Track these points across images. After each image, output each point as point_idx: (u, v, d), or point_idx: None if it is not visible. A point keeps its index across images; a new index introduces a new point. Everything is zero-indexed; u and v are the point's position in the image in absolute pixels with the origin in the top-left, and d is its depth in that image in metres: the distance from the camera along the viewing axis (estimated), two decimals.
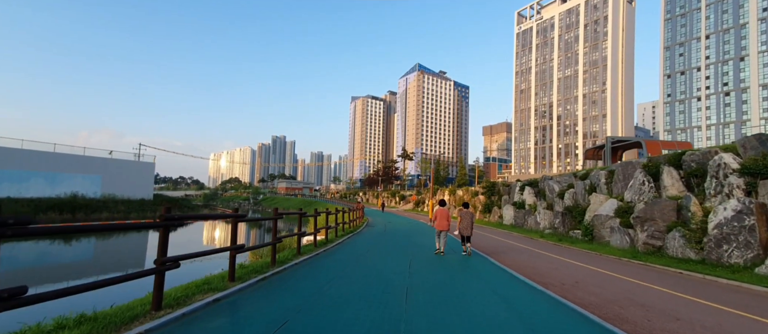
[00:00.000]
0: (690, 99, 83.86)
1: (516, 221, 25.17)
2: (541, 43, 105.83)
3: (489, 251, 12.43)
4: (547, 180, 22.57)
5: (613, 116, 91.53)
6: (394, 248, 12.30)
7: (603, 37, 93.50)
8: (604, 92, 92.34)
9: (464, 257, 10.58)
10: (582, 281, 7.76)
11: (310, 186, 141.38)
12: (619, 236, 13.36)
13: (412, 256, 10.32)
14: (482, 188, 32.73)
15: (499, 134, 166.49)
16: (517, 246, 14.68)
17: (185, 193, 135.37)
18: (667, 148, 23.27)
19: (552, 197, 21.44)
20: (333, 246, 12.26)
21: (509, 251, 12.98)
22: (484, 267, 8.86)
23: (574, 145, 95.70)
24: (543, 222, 21.10)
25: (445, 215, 10.60)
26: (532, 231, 21.28)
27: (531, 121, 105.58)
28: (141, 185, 50.30)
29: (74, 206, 37.94)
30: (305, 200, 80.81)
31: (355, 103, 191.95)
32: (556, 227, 18.69)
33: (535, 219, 22.17)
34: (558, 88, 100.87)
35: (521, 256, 11.74)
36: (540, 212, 21.46)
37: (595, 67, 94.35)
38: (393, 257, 10.03)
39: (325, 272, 7.68)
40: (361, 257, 10.11)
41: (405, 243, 13.74)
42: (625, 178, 14.90)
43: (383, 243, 13.68)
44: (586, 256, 12.32)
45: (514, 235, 20.29)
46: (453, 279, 7.16)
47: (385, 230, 20.91)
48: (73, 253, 20.85)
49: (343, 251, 11.15)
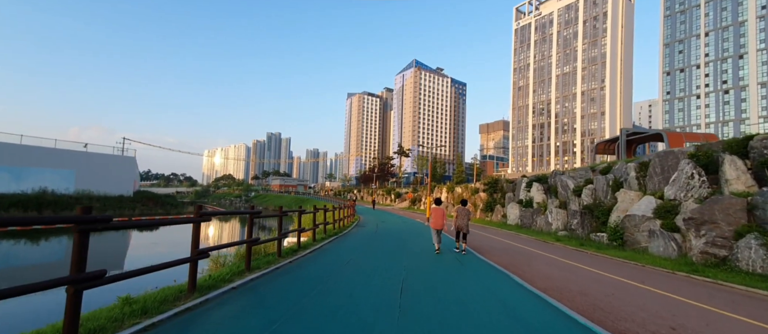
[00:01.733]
0: (689, 96, 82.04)
1: (522, 220, 22.54)
2: (539, 39, 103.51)
3: (506, 263, 9.68)
4: (559, 176, 19.93)
5: (611, 114, 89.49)
6: (383, 257, 9.53)
7: (602, 33, 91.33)
8: (603, 89, 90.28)
9: (462, 256, 9.86)
10: (683, 326, 5.02)
11: (304, 183, 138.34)
12: (662, 241, 10.73)
13: (407, 272, 7.55)
14: (484, 184, 30.08)
15: (495, 132, 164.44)
16: (534, 253, 11.98)
17: (176, 190, 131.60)
18: (692, 141, 20.73)
19: (566, 194, 18.80)
20: (306, 254, 9.47)
21: (531, 259, 10.28)
22: (509, 290, 6.13)
23: (572, 143, 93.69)
24: (556, 223, 18.46)
25: (441, 213, 10.37)
26: (543, 233, 18.64)
27: (529, 118, 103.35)
28: (120, 181, 46.96)
29: (41, 202, 34.71)
30: (298, 197, 77.84)
31: (350, 99, 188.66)
32: (573, 228, 16.05)
33: (545, 219, 19.53)
34: (556, 85, 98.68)
35: (548, 268, 9.03)
36: (552, 211, 18.82)
37: (594, 64, 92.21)
38: (379, 274, 7.25)
39: (261, 315, 4.83)
40: (337, 273, 7.32)
41: (397, 250, 10.98)
42: (663, 170, 12.27)
43: (371, 250, 10.90)
44: (628, 268, 9.65)
45: (523, 237, 17.61)
46: (467, 311, 4.42)
47: (377, 230, 18.15)
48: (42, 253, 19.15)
49: (318, 262, 8.36)
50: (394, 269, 7.73)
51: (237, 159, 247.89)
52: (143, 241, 24.19)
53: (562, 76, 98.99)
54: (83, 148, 44.04)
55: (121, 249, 20.27)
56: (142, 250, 20.92)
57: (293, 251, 9.81)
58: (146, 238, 25.53)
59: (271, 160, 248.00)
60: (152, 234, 26.91)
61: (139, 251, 20.61)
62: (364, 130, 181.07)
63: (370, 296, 5.41)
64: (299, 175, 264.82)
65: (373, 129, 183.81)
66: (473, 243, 13.59)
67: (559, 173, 20.96)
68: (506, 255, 11.07)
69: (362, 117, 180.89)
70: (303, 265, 7.96)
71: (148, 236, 26.53)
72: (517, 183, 25.74)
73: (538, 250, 12.76)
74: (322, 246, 11.18)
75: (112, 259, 16.81)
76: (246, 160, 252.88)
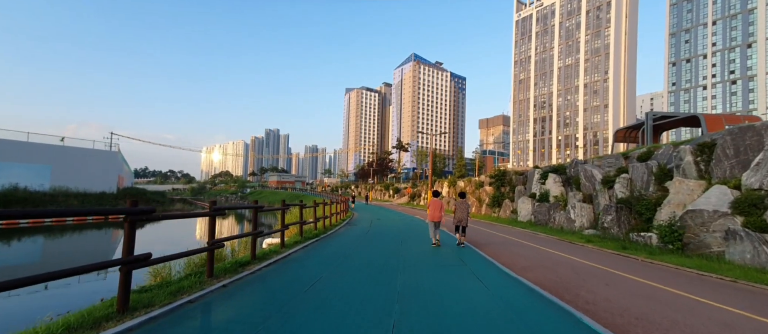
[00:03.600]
0: (695, 87, 79.05)
1: (536, 217, 19.61)
2: (541, 30, 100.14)
3: (551, 282, 6.72)
4: (582, 165, 16.97)
5: (615, 107, 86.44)
6: (368, 273, 6.55)
7: (606, 23, 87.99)
8: (607, 82, 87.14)
9: (480, 271, 6.74)
10: None
11: (302, 180, 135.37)
12: (749, 246, 7.82)
13: (402, 305, 4.58)
14: (490, 177, 27.11)
15: (495, 127, 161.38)
16: (574, 262, 9.05)
17: (172, 187, 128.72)
18: (732, 124, 17.78)
19: (591, 186, 15.85)
20: (257, 270, 6.49)
21: (578, 274, 7.35)
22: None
23: (574, 137, 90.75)
24: (579, 220, 15.54)
25: (439, 206, 10.13)
26: (565, 231, 15.72)
27: (530, 112, 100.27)
28: (102, 177, 43.79)
29: (10, 200, 31.67)
30: (294, 193, 74.97)
31: (349, 95, 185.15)
32: (606, 226, 13.13)
33: (565, 215, 16.60)
34: (558, 77, 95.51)
35: (607, 290, 6.10)
36: (575, 206, 15.87)
37: (596, 55, 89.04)
38: (356, 310, 4.28)
39: None
40: (284, 311, 4.33)
41: (390, 260, 8.02)
42: (739, 152, 9.34)
43: (354, 260, 7.92)
44: (718, 288, 6.72)
45: (541, 237, 14.68)
46: None
47: (370, 228, 15.20)
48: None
49: (266, 285, 5.38)
50: (380, 299, 4.76)
51: (235, 155, 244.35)
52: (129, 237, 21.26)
53: (564, 69, 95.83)
54: (60, 142, 40.89)
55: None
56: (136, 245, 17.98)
57: (242, 264, 6.83)
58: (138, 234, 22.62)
59: (269, 156, 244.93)
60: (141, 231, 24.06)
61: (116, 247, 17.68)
62: (363, 126, 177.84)
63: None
64: (298, 171, 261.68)
65: (371, 125, 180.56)
66: (492, 249, 10.68)
67: (580, 161, 17.99)
68: (544, 269, 8.08)
69: (361, 112, 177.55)
70: (235, 294, 4.95)
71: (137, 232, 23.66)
72: (528, 175, 22.79)
73: (574, 256, 9.83)
74: (290, 254, 8.23)
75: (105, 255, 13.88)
76: (244, 156, 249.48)
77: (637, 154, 13.68)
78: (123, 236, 3.97)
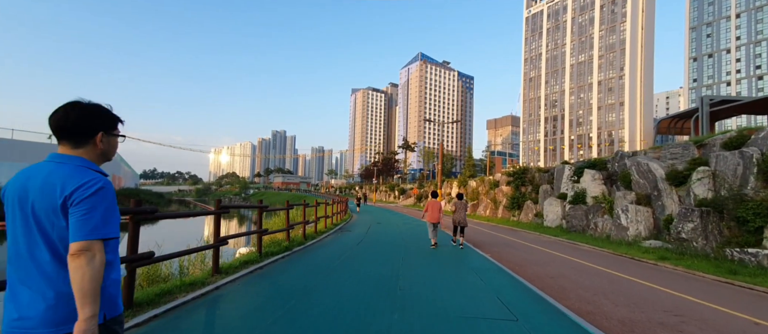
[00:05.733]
0: (718, 84, 74.07)
1: (569, 222, 16.03)
2: (552, 27, 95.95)
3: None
4: (631, 157, 13.39)
5: (631, 104, 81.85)
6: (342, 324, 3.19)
7: (621, 18, 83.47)
8: (622, 78, 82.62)
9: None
10: None
11: (307, 181, 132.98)
12: None
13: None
14: (508, 175, 23.52)
15: (503, 128, 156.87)
16: (670, 299, 5.55)
17: (178, 188, 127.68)
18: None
19: (648, 183, 12.27)
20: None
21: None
22: None
23: (587, 136, 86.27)
24: (634, 227, 11.95)
25: (438, 207, 9.73)
26: (615, 242, 12.14)
27: (541, 111, 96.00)
28: None
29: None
30: (297, 194, 72.21)
31: (355, 95, 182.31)
32: (685, 237, 9.54)
33: (612, 221, 13.02)
34: (570, 75, 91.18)
35: None
36: (626, 209, 12.27)
37: (611, 51, 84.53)
38: None
39: None
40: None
41: (382, 294, 4.61)
42: None
43: (323, 296, 4.52)
44: None
45: (584, 249, 11.15)
46: None
47: (366, 236, 11.83)
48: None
49: None
50: None
51: (243, 156, 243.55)
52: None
53: (577, 66, 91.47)
54: (47, 140, 38.47)
55: None
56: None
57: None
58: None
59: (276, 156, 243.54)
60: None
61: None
62: (369, 127, 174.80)
63: None
64: (305, 173, 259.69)
65: (378, 125, 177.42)
66: (531, 271, 7.21)
67: (626, 153, 14.38)
68: (652, 325, 4.60)
69: (367, 113, 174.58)
70: None
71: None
72: (555, 172, 19.19)
73: (659, 284, 6.31)
74: (232, 281, 4.91)
75: None
76: (252, 158, 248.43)
77: (722, 140, 10.11)
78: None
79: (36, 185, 1.29)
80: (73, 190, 1.26)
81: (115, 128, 1.46)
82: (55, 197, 1.26)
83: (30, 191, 1.29)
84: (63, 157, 1.35)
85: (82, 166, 1.34)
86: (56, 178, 1.28)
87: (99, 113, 1.41)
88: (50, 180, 1.28)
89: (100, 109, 1.42)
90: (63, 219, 1.27)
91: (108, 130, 1.43)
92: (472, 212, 28.63)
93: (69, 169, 1.31)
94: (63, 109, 1.35)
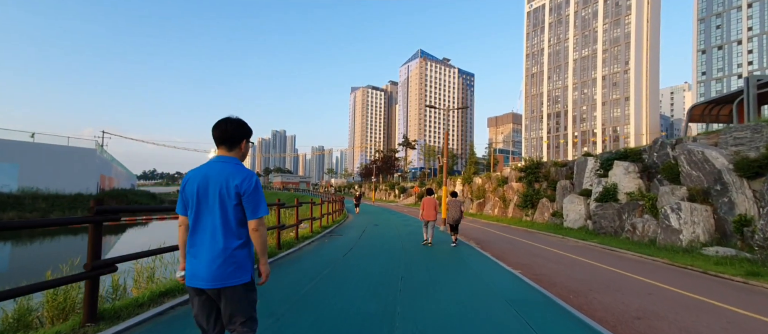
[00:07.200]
0: (729, 77, 71.27)
1: (596, 222, 13.59)
2: (554, 21, 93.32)
3: None
4: (680, 146, 10.96)
5: (637, 99, 79.31)
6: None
7: (626, 11, 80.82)
8: (627, 73, 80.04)
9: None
10: None
11: (307, 180, 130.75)
12: None
13: None
14: (519, 170, 21.07)
15: (504, 126, 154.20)
16: None
17: (176, 189, 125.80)
18: None
19: (704, 176, 9.83)
20: None
21: None
22: None
23: (591, 132, 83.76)
24: (689, 229, 9.52)
25: (433, 205, 9.58)
26: (663, 248, 9.71)
27: (543, 107, 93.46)
28: (80, 176, 38.78)
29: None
30: (295, 194, 69.97)
31: (354, 93, 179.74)
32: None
33: (655, 223, 10.59)
34: (574, 70, 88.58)
35: None
36: (678, 208, 9.82)
37: (616, 44, 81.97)
38: None
39: None
40: None
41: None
42: None
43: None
44: None
45: (630, 259, 8.74)
46: None
47: (357, 242, 9.42)
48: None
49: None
50: None
51: None
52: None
53: (580, 60, 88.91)
54: (30, 138, 36.15)
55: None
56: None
57: None
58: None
59: (276, 156, 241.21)
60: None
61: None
62: (369, 125, 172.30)
63: None
64: (305, 172, 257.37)
65: (377, 124, 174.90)
66: (605, 308, 4.79)
67: (668, 141, 11.92)
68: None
69: (366, 112, 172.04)
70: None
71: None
72: (575, 166, 16.74)
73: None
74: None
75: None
76: (252, 157, 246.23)
77: None
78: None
79: (215, 177, 1.81)
80: (241, 182, 1.80)
81: (250, 137, 2.00)
82: (230, 186, 1.79)
83: (210, 180, 1.81)
84: (224, 158, 1.88)
85: (238, 164, 1.89)
86: (227, 173, 1.81)
87: (244, 126, 1.96)
88: (223, 174, 1.81)
89: (244, 123, 1.97)
90: (234, 200, 1.79)
91: (248, 139, 1.98)
92: (479, 212, 26.20)
93: (232, 166, 1.85)
94: (223, 122, 1.90)
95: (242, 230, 1.80)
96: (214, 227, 1.75)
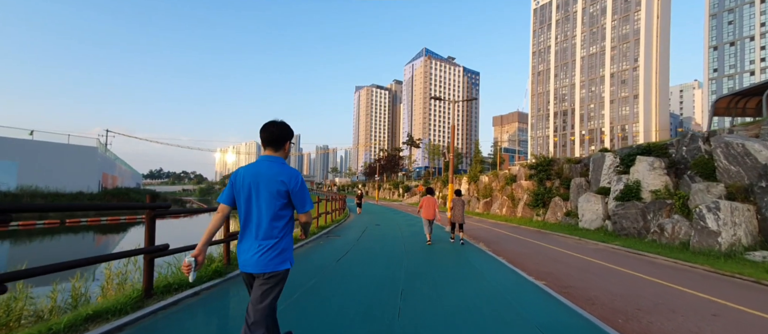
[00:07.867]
0: (741, 73, 69.14)
1: (616, 223, 12.47)
2: (561, 18, 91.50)
3: None
4: (715, 138, 9.82)
5: (646, 97, 77.35)
6: None
7: (635, 7, 78.81)
8: (636, 70, 78.13)
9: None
10: None
11: (311, 179, 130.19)
12: None
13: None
14: (529, 167, 19.94)
15: (510, 125, 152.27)
16: None
17: (182, 187, 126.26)
18: None
19: (745, 171, 8.71)
20: None
21: None
22: None
23: (599, 131, 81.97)
24: (730, 231, 8.40)
25: (434, 204, 9.68)
26: (696, 252, 8.61)
27: (550, 106, 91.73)
28: (80, 174, 38.30)
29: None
30: None
31: (359, 93, 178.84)
32: None
33: (688, 224, 9.48)
34: (581, 68, 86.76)
35: None
36: (715, 208, 8.70)
37: (625, 41, 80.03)
38: None
39: None
40: None
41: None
42: None
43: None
44: None
45: (661, 263, 7.66)
46: None
47: (355, 245, 8.44)
48: None
49: None
50: None
51: (247, 154, 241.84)
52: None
53: (588, 58, 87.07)
54: (29, 136, 35.72)
55: None
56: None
57: None
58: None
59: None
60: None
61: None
62: (373, 125, 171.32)
63: None
64: (309, 171, 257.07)
65: (382, 123, 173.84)
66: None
67: (699, 134, 10.77)
68: None
69: (371, 111, 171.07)
70: None
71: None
72: (592, 162, 15.59)
73: None
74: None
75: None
76: (255, 156, 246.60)
77: None
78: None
79: (265, 174, 2.00)
80: (289, 180, 2.01)
81: (292, 138, 2.21)
82: (278, 183, 1.99)
83: (261, 177, 2.00)
84: (271, 157, 2.09)
85: (284, 163, 2.09)
86: (275, 171, 2.02)
87: (288, 128, 2.16)
88: (272, 172, 2.01)
89: (288, 126, 2.17)
90: (283, 196, 2.01)
91: (290, 140, 2.19)
92: (486, 211, 25.12)
93: (278, 166, 2.05)
94: (270, 125, 2.11)
95: (284, 223, 2.02)
96: (260, 219, 1.98)
